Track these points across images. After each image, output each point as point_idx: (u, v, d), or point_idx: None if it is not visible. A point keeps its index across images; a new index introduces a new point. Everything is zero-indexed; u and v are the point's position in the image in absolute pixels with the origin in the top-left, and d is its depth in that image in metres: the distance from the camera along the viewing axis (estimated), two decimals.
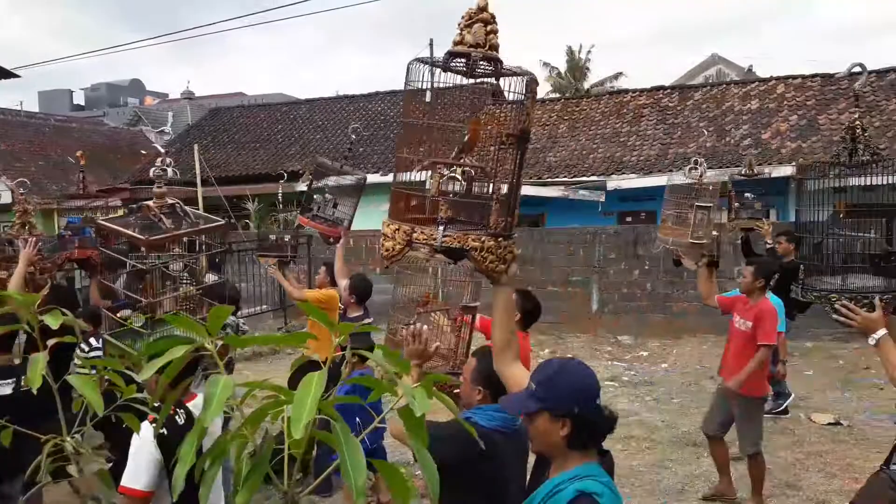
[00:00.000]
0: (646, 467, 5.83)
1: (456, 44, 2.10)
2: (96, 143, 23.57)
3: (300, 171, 18.39)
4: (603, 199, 14.68)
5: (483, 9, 2.10)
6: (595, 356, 10.34)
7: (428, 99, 2.18)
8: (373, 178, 10.67)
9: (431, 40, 16.74)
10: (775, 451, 6.07)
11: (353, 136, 6.72)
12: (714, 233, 5.31)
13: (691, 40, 62.95)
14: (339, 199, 5.51)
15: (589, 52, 30.36)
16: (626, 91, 19.72)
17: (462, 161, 2.23)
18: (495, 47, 2.12)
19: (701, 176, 5.42)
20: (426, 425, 1.21)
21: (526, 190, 15.23)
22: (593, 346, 11.00)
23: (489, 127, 2.19)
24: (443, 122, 2.24)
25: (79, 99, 71.26)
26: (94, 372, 1.66)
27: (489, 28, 2.09)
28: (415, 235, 2.08)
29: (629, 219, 15.25)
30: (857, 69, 3.36)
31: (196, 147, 14.66)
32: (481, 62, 2.09)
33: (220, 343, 1.26)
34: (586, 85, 29.58)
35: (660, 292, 11.77)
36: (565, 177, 15.58)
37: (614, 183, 14.77)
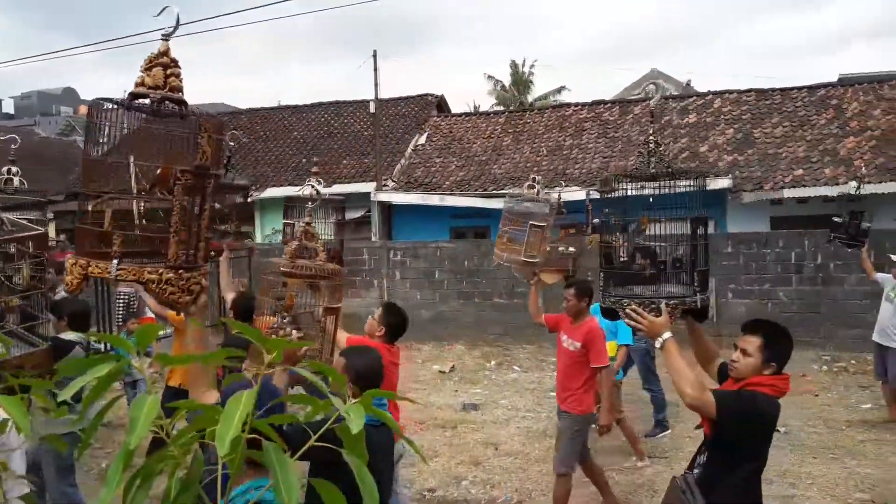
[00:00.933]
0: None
1: (137, 86, 2.27)
2: (24, 153, 22.69)
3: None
4: (546, 210, 14.86)
5: (164, 53, 2.28)
6: (541, 367, 10.42)
7: (107, 136, 2.31)
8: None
9: (375, 51, 16.69)
10: None
11: (233, 144, 6.54)
12: (571, 249, 5.42)
13: (631, 55, 64.96)
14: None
15: (532, 66, 30.83)
16: (569, 105, 20.07)
17: (148, 195, 2.38)
18: (177, 89, 2.30)
19: (537, 193, 5.44)
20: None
21: (471, 202, 15.33)
22: (539, 357, 11.08)
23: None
24: (129, 160, 2.37)
25: (8, 107, 68.68)
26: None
27: (170, 71, 2.27)
28: (90, 269, 2.19)
29: (573, 231, 15.45)
30: (651, 86, 3.53)
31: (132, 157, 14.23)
32: (168, 102, 2.27)
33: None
34: (530, 98, 30.00)
35: None
36: (510, 189, 15.73)
37: (557, 195, 14.99)
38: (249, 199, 5.35)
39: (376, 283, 13.34)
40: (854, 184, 8.03)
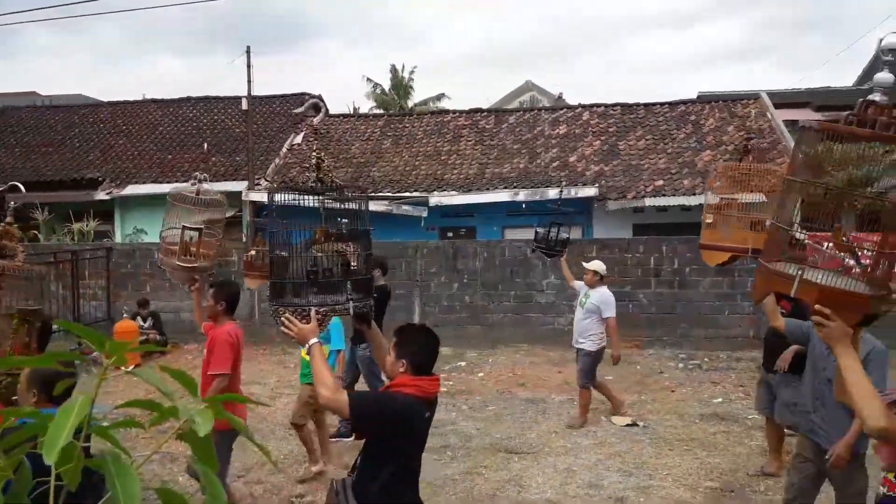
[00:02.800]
0: (459, 475, 5.92)
1: None
2: None
3: (99, 178, 16.94)
4: (426, 214, 14.96)
5: None
6: None
7: None
8: (182, 186, 10.03)
9: (248, 47, 16.15)
10: (579, 453, 6.43)
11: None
12: (212, 253, 4.86)
13: (508, 66, 67.18)
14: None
15: (412, 71, 31.04)
16: (447, 111, 20.34)
17: None
18: None
19: (198, 192, 4.93)
20: None
21: (350, 204, 15.14)
22: None
23: None
24: None
25: None
26: None
27: None
28: None
29: (450, 234, 15.65)
30: (314, 101, 3.64)
31: None
32: None
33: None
34: (410, 103, 30.15)
35: (478, 304, 12.15)
36: (389, 192, 15.69)
37: (436, 199, 15.12)
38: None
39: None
40: (555, 193, 8.57)
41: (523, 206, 14.76)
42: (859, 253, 2.35)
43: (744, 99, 18.18)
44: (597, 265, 7.38)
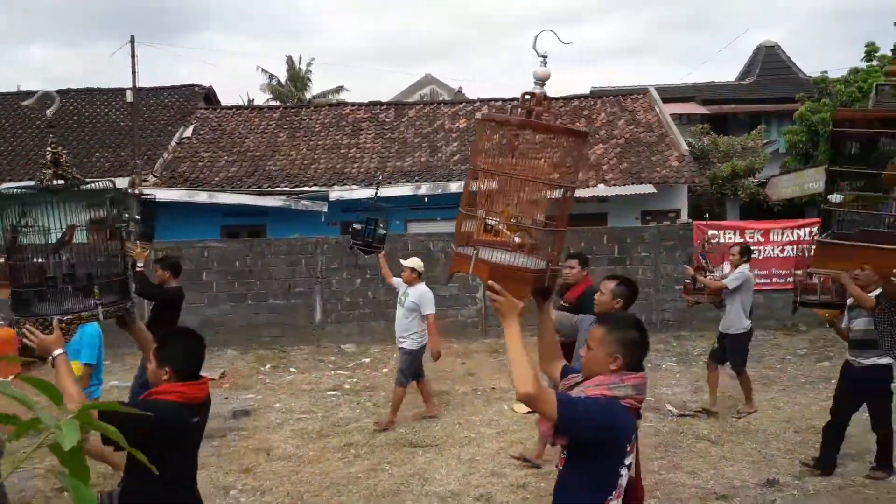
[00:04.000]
0: (363, 472, 5.86)
1: None
2: None
3: None
4: (326, 209, 14.72)
5: None
6: (318, 367, 10.26)
7: None
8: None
9: (133, 37, 15.36)
10: (482, 442, 6.51)
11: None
12: None
13: (408, 60, 66.99)
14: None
15: (310, 63, 30.47)
16: (346, 104, 20.09)
17: None
18: None
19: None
20: None
21: (245, 199, 14.70)
22: (317, 358, 10.91)
23: None
24: None
25: None
26: None
27: None
28: None
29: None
30: (51, 96, 3.33)
31: None
32: None
33: None
34: (308, 96, 29.60)
35: (381, 299, 12.07)
36: (286, 186, 15.34)
37: (337, 194, 14.90)
38: None
39: (134, 286, 12.23)
40: (372, 191, 8.62)
41: (426, 199, 14.79)
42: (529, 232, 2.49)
43: (633, 94, 18.94)
44: (414, 262, 7.36)
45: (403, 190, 14.90)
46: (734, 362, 7.30)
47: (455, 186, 14.82)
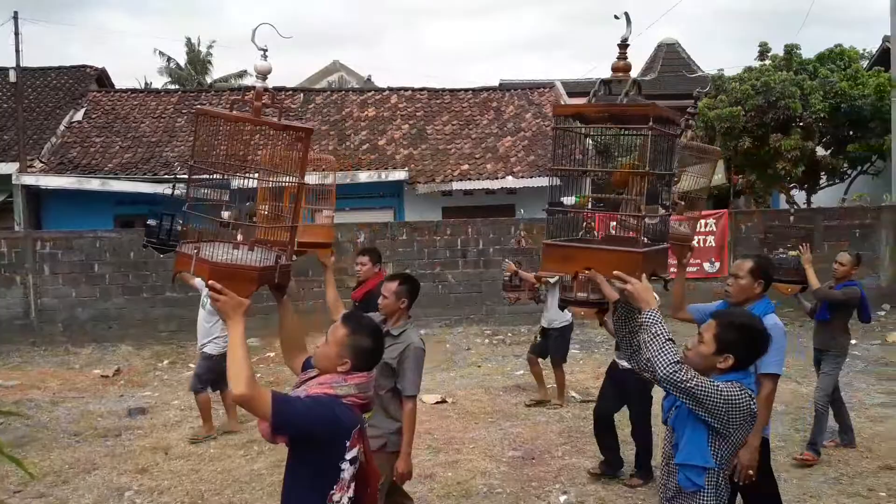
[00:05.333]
0: (267, 469, 5.69)
1: None
2: None
3: None
4: (227, 198, 14.18)
5: None
6: None
7: None
8: None
9: (16, 13, 14.22)
10: None
11: None
12: None
13: (316, 45, 65.50)
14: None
15: (210, 46, 29.35)
16: (250, 88, 19.42)
17: None
18: None
19: None
20: None
21: (141, 187, 13.96)
22: None
23: None
24: None
25: None
26: None
27: None
28: None
29: None
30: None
31: None
32: None
33: None
34: (209, 80, 28.51)
35: None
36: (186, 174, 14.71)
37: (238, 182, 14.39)
38: None
39: (19, 279, 11.42)
40: (169, 188, 8.50)
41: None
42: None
43: (540, 87, 19.24)
44: None
45: (310, 179, 14.53)
46: (555, 356, 7.29)
47: (364, 176, 14.64)
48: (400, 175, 14.80)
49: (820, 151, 15.18)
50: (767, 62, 15.70)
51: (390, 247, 11.78)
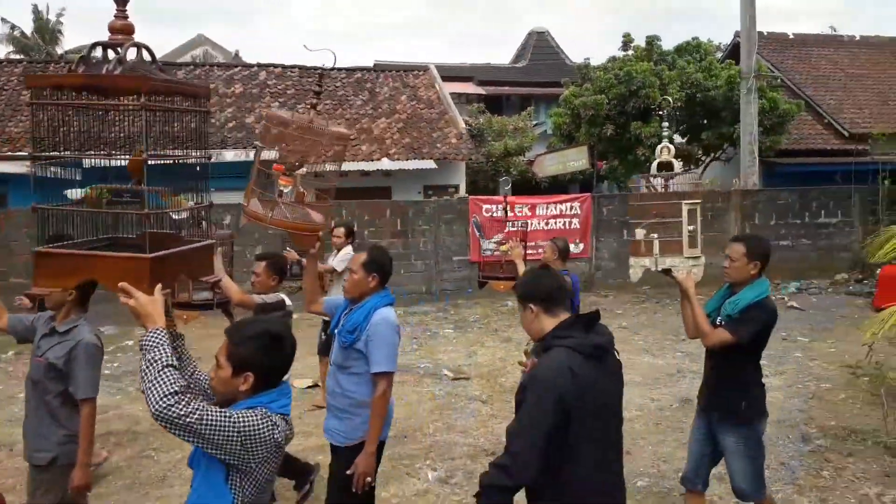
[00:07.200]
0: (125, 461, 5.36)
1: None
2: None
3: None
4: (79, 177, 13.17)
5: None
6: None
7: None
8: None
9: None
10: None
11: None
12: None
13: (180, 19, 61.67)
14: None
15: (60, 14, 27.09)
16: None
17: None
18: None
19: None
20: None
21: None
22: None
23: None
24: None
25: None
26: None
27: None
28: None
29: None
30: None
31: None
32: None
33: None
34: (59, 50, 26.31)
35: None
36: (31, 151, 13.51)
37: (87, 162, 13.41)
38: None
39: None
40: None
41: (197, 168, 13.82)
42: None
43: (415, 70, 19.22)
44: None
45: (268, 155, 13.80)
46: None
47: (231, 155, 14.05)
48: (270, 154, 14.33)
49: (677, 139, 16.12)
50: (630, 52, 16.49)
51: (258, 229, 11.37)
